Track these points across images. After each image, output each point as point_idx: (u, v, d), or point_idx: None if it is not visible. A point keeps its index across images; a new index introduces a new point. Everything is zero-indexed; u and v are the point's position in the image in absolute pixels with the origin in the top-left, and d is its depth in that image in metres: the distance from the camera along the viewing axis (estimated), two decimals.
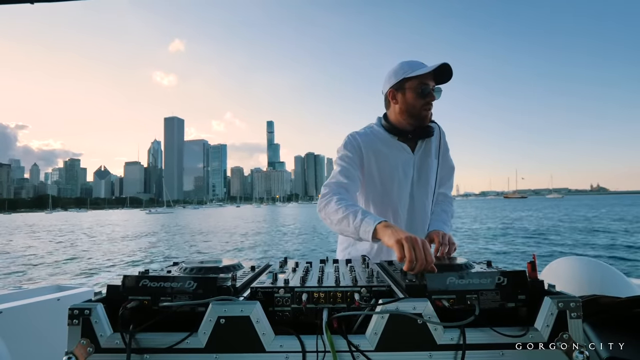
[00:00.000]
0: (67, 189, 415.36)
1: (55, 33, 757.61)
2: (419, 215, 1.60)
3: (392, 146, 1.56)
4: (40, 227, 37.78)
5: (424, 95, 1.45)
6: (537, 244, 15.73)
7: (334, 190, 1.41)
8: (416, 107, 1.47)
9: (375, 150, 1.54)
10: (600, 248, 14.31)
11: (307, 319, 0.79)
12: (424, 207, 1.61)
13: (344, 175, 1.46)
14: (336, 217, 1.30)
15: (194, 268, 0.90)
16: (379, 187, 1.56)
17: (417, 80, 1.45)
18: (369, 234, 1.15)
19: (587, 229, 21.91)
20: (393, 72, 1.50)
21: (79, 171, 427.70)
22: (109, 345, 0.74)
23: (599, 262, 1.47)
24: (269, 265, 1.16)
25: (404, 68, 1.47)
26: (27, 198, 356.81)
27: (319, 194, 1.47)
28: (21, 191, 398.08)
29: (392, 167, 1.54)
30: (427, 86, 1.45)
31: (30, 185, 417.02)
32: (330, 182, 1.47)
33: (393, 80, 1.50)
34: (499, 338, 0.73)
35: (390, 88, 1.52)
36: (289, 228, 29.09)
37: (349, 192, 1.43)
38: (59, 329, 1.00)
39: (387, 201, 1.56)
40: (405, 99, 1.48)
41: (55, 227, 37.09)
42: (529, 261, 0.83)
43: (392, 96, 1.52)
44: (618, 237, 17.08)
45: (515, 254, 13.43)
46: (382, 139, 1.57)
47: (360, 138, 1.55)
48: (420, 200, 1.60)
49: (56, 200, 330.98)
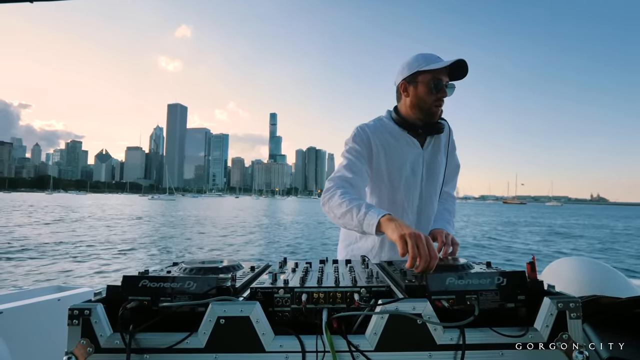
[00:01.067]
0: (67, 171, 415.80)
1: (61, 15, 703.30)
2: (427, 212, 1.58)
3: (402, 140, 1.52)
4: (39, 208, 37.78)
5: (436, 91, 1.41)
6: (537, 244, 15.76)
7: (337, 185, 1.38)
8: (427, 102, 1.44)
9: (384, 143, 1.50)
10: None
11: (307, 319, 0.79)
12: (431, 204, 1.59)
13: (349, 170, 1.43)
14: (339, 210, 1.28)
15: (194, 268, 0.90)
16: (387, 182, 1.52)
17: (430, 74, 1.41)
18: (373, 227, 1.14)
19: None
20: (407, 64, 1.46)
21: (80, 153, 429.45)
22: (108, 345, 0.74)
23: (599, 263, 1.47)
24: (268, 265, 1.17)
25: (419, 61, 1.43)
26: (27, 178, 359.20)
27: (319, 188, 1.44)
28: (22, 170, 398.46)
29: (401, 162, 1.51)
30: (441, 81, 1.40)
31: (31, 165, 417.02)
32: (335, 176, 1.44)
33: (406, 72, 1.46)
34: (499, 338, 0.73)
35: (403, 80, 1.48)
36: (288, 218, 29.37)
37: (353, 187, 1.39)
38: (59, 329, 1.00)
39: (395, 197, 1.53)
40: (417, 92, 1.45)
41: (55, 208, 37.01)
42: (528, 262, 0.83)
43: (404, 89, 1.48)
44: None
45: (515, 254, 13.44)
46: (392, 132, 1.52)
47: (370, 130, 1.51)
48: (429, 197, 1.57)
49: (56, 181, 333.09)
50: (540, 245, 16.62)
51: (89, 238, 16.13)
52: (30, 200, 65.99)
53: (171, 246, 14.89)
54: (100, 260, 11.41)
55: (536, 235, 20.94)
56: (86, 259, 11.37)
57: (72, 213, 31.20)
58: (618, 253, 15.23)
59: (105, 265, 10.55)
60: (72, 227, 20.27)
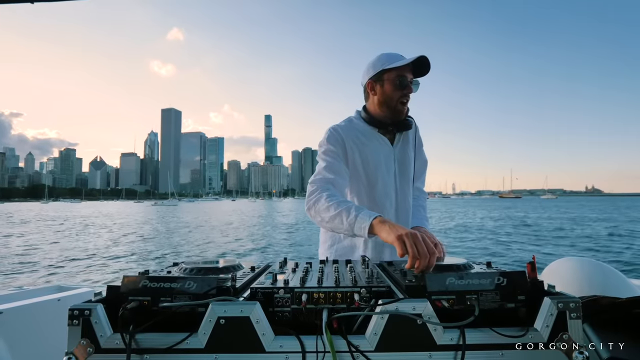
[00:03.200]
0: (62, 179, 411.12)
1: (50, 19, 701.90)
2: (403, 208, 1.60)
3: (373, 139, 1.55)
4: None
5: (402, 87, 1.45)
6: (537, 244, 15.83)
7: (321, 187, 1.38)
8: (394, 99, 1.47)
9: (357, 143, 1.53)
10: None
11: (307, 320, 0.79)
12: (406, 200, 1.61)
13: (329, 170, 1.44)
14: (328, 214, 1.27)
15: (194, 268, 0.90)
16: (365, 181, 1.54)
17: (395, 72, 1.45)
18: (365, 230, 1.14)
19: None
20: (372, 63, 1.50)
21: (74, 161, 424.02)
22: (109, 345, 0.74)
23: (599, 263, 1.47)
24: (268, 265, 1.17)
25: (382, 60, 1.47)
26: (21, 187, 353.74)
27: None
28: (16, 180, 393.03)
29: (376, 160, 1.53)
30: (405, 78, 1.45)
31: (24, 174, 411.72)
32: (316, 178, 1.44)
33: (372, 71, 1.50)
34: (499, 338, 0.73)
35: (369, 79, 1.52)
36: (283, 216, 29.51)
37: (336, 188, 1.40)
38: (60, 330, 1.00)
39: (374, 195, 1.55)
40: (383, 90, 1.48)
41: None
42: (528, 262, 0.83)
43: (371, 88, 1.53)
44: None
45: (515, 254, 13.46)
46: (363, 131, 1.56)
47: (342, 130, 1.53)
48: (404, 192, 1.60)
49: (51, 190, 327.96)
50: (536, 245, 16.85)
51: (91, 240, 16.24)
52: (29, 210, 65.00)
53: (171, 246, 14.92)
54: (100, 260, 11.42)
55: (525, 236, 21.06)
56: (87, 259, 11.38)
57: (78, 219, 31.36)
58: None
59: (105, 266, 10.56)
60: (76, 230, 20.48)
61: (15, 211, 56.19)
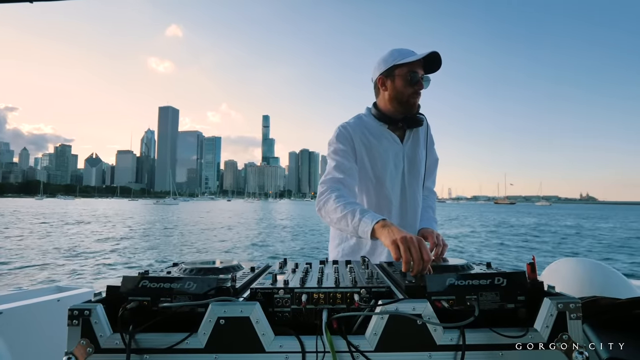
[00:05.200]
0: (57, 175, 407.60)
1: (46, 14, 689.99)
2: (411, 206, 1.59)
3: (382, 136, 1.55)
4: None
5: (413, 83, 1.45)
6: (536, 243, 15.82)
7: (331, 188, 1.39)
8: (405, 94, 1.47)
9: (365, 140, 1.53)
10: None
11: (307, 320, 0.79)
12: (415, 198, 1.61)
13: (339, 170, 1.45)
14: (335, 215, 1.29)
15: (194, 269, 0.90)
16: (372, 178, 1.54)
17: (406, 67, 1.45)
18: (367, 233, 1.16)
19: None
20: (383, 59, 1.50)
21: (69, 157, 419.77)
22: (108, 345, 0.74)
23: (599, 263, 1.47)
24: (268, 266, 1.17)
25: (394, 55, 1.47)
26: (15, 183, 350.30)
27: (313, 191, 1.45)
28: (9, 175, 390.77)
29: (384, 158, 1.53)
30: (417, 74, 1.45)
31: (19, 169, 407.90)
32: (327, 178, 1.45)
33: (383, 67, 1.50)
34: (499, 339, 0.73)
35: (380, 75, 1.52)
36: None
37: (346, 187, 1.41)
38: (59, 330, 1.00)
39: (381, 192, 1.55)
40: (394, 85, 1.48)
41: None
42: (528, 262, 0.83)
43: (382, 83, 1.53)
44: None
45: (515, 254, 13.46)
46: (372, 129, 1.55)
47: (351, 128, 1.54)
48: (412, 190, 1.59)
49: (45, 186, 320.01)
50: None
51: (91, 239, 16.25)
52: (27, 207, 64.87)
53: (171, 247, 14.92)
54: (100, 260, 11.41)
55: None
56: (86, 260, 11.37)
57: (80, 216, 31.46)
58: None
59: (105, 266, 10.56)
60: (76, 230, 20.51)
61: (5, 207, 55.71)
